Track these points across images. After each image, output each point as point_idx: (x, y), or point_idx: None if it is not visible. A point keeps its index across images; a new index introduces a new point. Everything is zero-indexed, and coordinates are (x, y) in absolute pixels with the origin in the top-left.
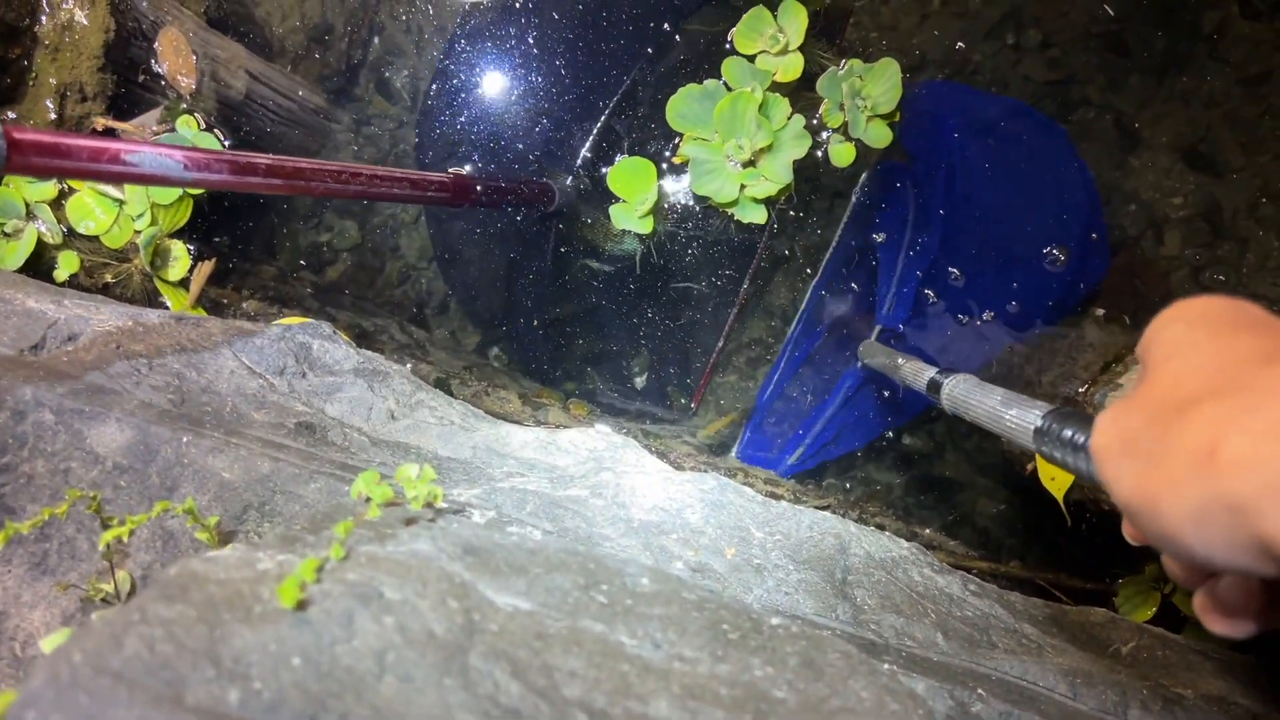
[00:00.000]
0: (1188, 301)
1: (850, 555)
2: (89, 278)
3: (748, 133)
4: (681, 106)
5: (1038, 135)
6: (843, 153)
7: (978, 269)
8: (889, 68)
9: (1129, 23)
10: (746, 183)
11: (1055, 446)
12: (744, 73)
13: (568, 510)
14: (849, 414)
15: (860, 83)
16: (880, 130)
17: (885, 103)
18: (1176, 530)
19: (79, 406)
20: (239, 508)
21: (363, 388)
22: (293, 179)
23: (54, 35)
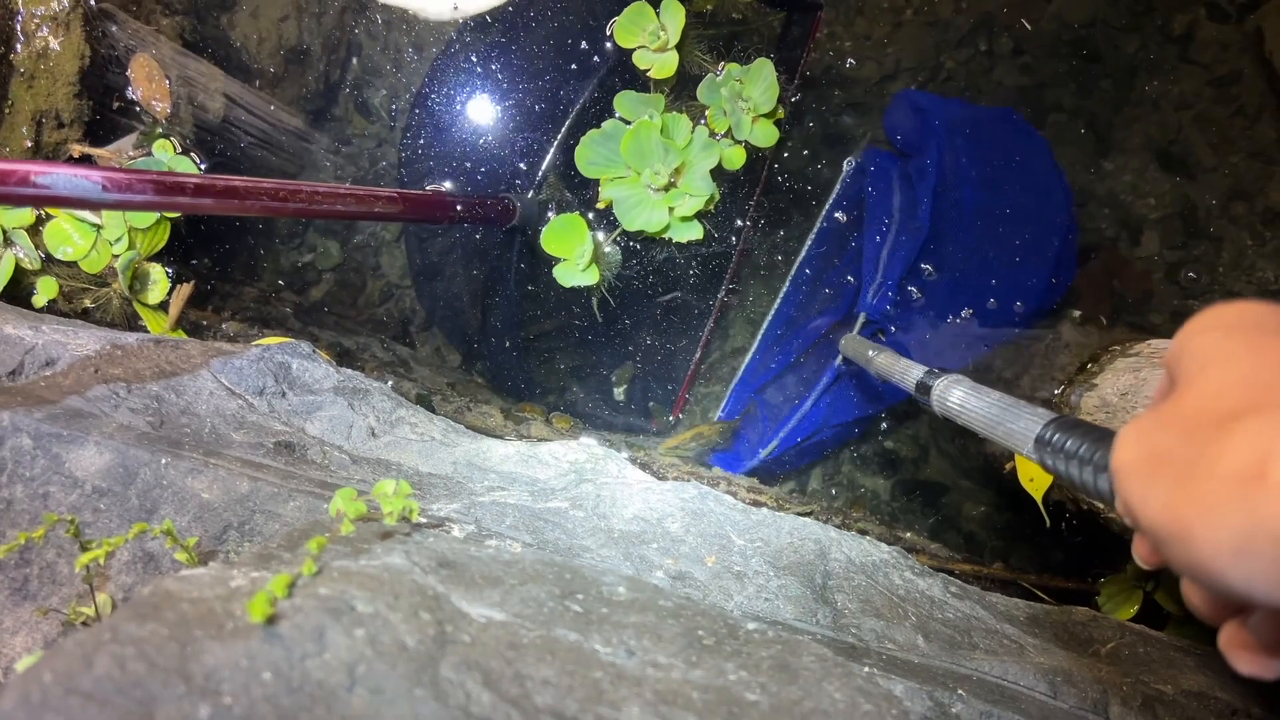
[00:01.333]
0: (1222, 307)
1: (830, 560)
2: (68, 303)
3: (658, 158)
4: (588, 154)
5: (1020, 141)
6: (733, 156)
7: (960, 269)
8: (764, 68)
9: (1099, 28)
10: (673, 205)
11: (1059, 458)
12: (636, 104)
13: (548, 523)
14: (829, 407)
15: (740, 85)
16: (766, 129)
17: (765, 102)
18: (1212, 560)
19: (57, 431)
20: (219, 528)
21: (343, 406)
22: (224, 198)
23: (29, 63)
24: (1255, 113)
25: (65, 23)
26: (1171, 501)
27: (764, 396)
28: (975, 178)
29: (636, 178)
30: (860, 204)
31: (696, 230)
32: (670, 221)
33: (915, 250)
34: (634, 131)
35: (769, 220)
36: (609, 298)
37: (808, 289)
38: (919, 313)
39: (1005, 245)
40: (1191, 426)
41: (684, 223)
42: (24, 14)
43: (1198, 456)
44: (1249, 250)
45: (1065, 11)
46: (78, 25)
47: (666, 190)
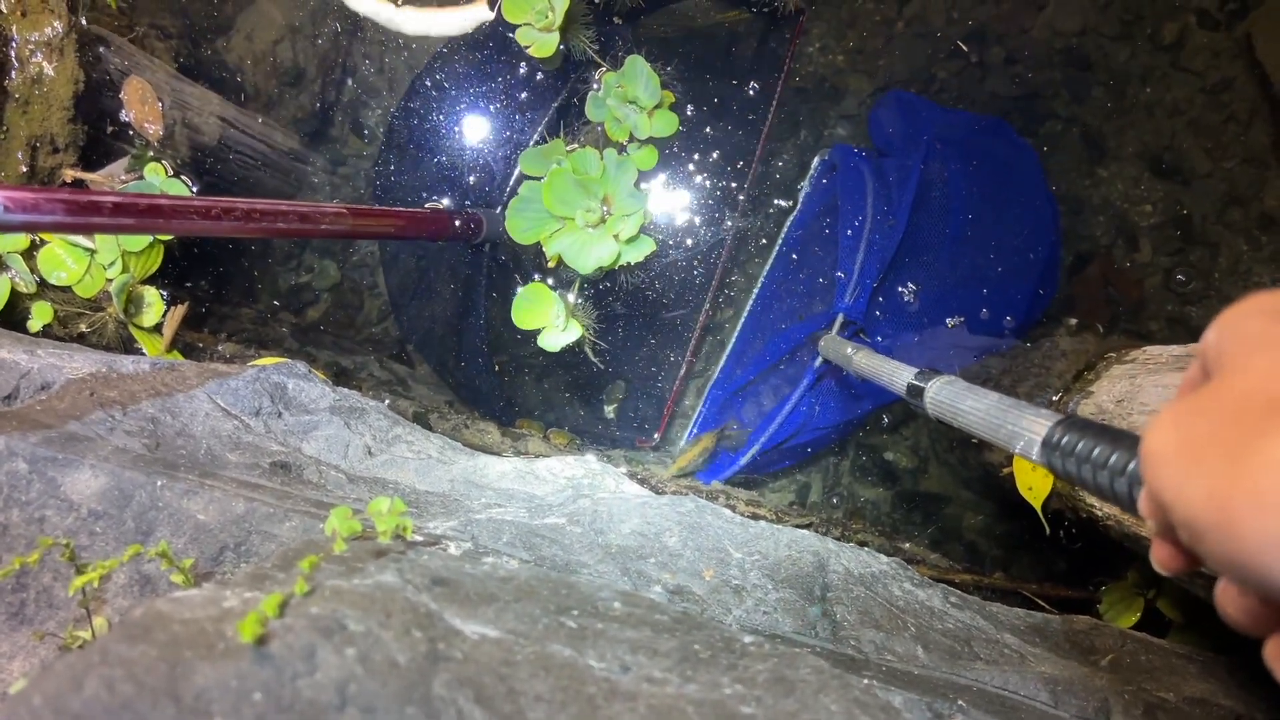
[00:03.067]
0: (1262, 295)
1: (829, 572)
2: (63, 328)
3: (582, 198)
4: (518, 223)
5: (1009, 151)
6: (644, 157)
7: (944, 278)
8: (636, 64)
9: (1089, 37)
10: (615, 232)
11: (1069, 460)
12: (539, 158)
13: (545, 539)
14: (810, 409)
15: (622, 89)
16: (664, 119)
17: (650, 96)
18: (1261, 556)
19: (53, 455)
20: (215, 549)
21: (339, 425)
22: (147, 217)
23: (24, 88)
24: (1248, 119)
25: (59, 48)
26: (1216, 491)
27: (741, 402)
28: (962, 185)
29: (572, 224)
30: (830, 203)
31: (648, 244)
32: (620, 249)
33: (891, 250)
34: (549, 184)
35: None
36: (599, 341)
37: (779, 293)
38: (903, 320)
39: (991, 255)
40: (1237, 412)
41: (632, 243)
42: (18, 40)
43: (1245, 443)
44: (1245, 255)
45: (1056, 21)
46: (71, 50)
47: (604, 222)
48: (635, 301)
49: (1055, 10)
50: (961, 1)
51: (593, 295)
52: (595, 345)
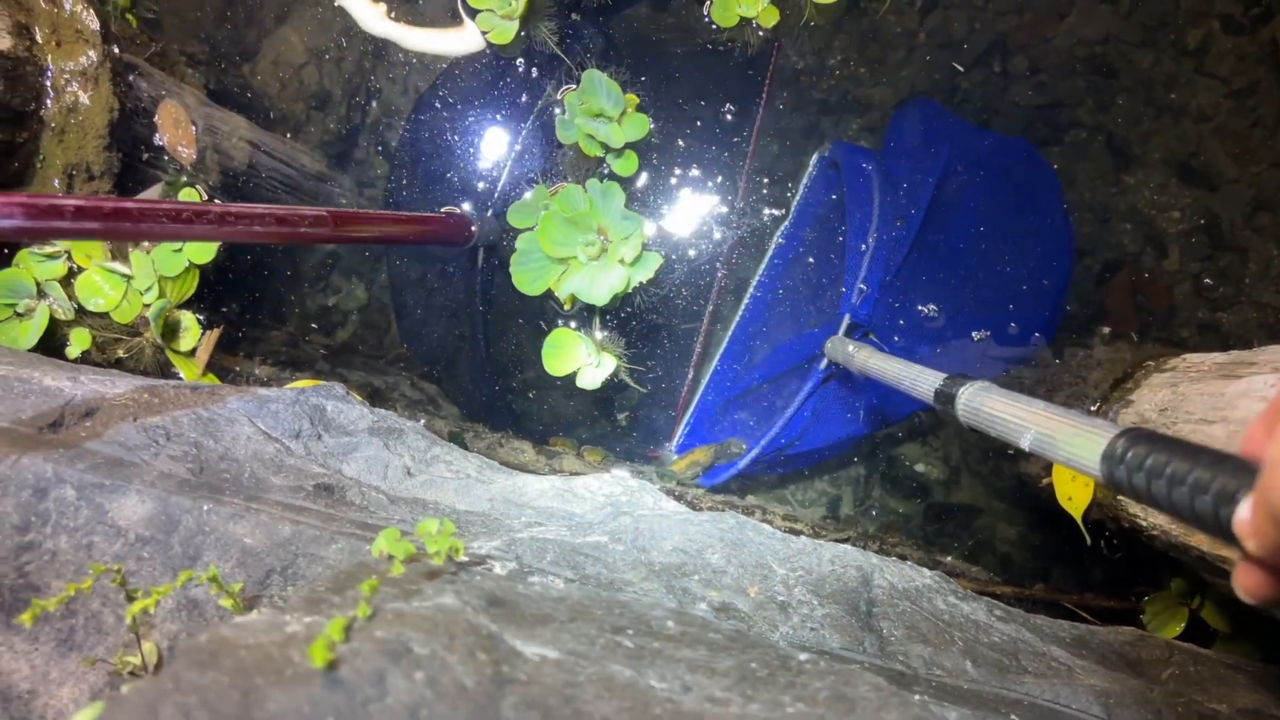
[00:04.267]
0: None
1: (874, 587)
2: (101, 353)
3: (577, 235)
4: (525, 277)
5: (1030, 173)
6: (626, 164)
7: (956, 288)
8: (592, 77)
9: (1112, 44)
10: (619, 257)
11: (1137, 475)
12: (525, 210)
13: (588, 557)
14: (815, 416)
15: (587, 105)
16: (635, 121)
17: (615, 104)
18: None
19: (99, 481)
20: (262, 572)
21: (378, 446)
22: (113, 221)
23: (60, 118)
24: (1275, 123)
25: (94, 77)
26: None
27: (738, 409)
28: (979, 201)
29: (576, 262)
30: (831, 202)
31: (654, 260)
32: (628, 272)
33: (900, 254)
34: (543, 231)
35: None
36: (635, 367)
37: (777, 298)
38: (915, 329)
39: (1004, 274)
40: None
41: (639, 263)
42: (53, 70)
43: None
44: (1275, 260)
45: (1078, 29)
46: (106, 79)
47: (605, 252)
48: (664, 312)
49: (1077, 19)
50: (983, 13)
51: (616, 324)
52: (631, 371)
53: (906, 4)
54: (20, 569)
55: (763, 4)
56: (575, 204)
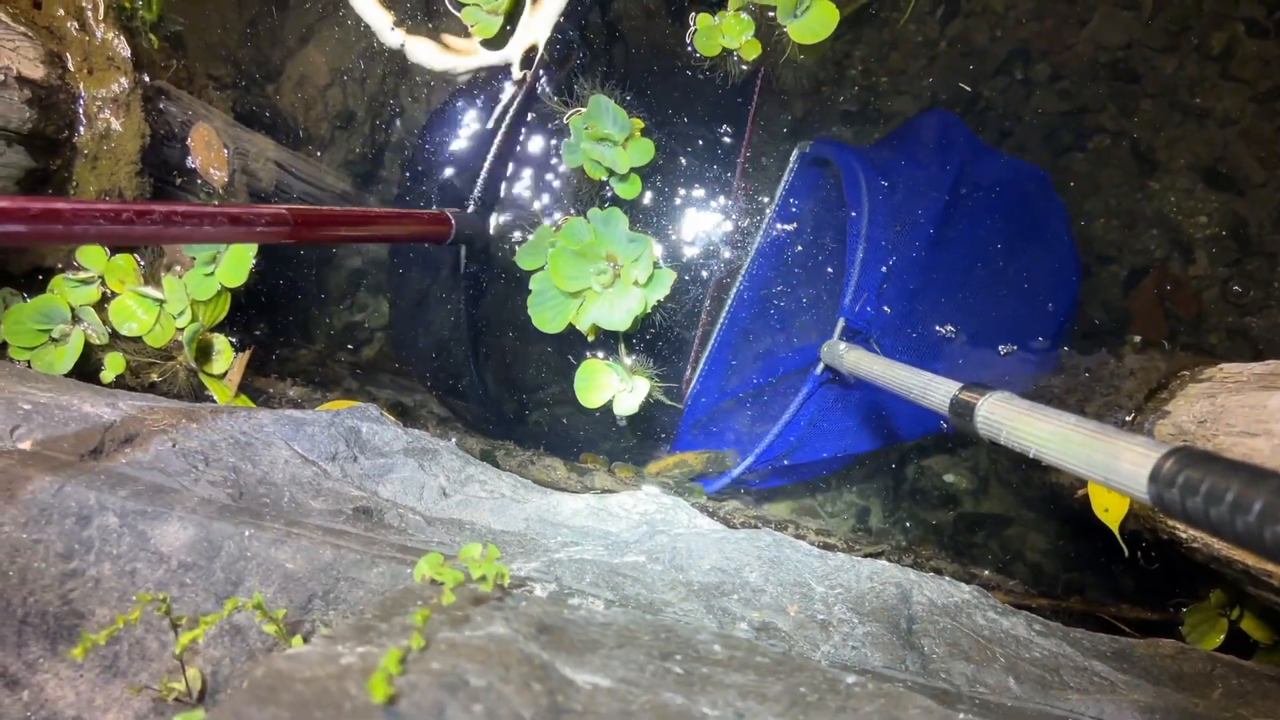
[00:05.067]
0: None
1: (913, 604)
2: (135, 377)
3: (588, 267)
4: (544, 316)
5: (1040, 202)
6: (629, 188)
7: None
8: (599, 101)
9: (1135, 49)
10: (634, 279)
11: (1193, 499)
12: (533, 251)
13: (626, 578)
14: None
15: (592, 129)
16: (640, 146)
17: (620, 129)
18: None
19: (141, 508)
20: (304, 597)
21: (413, 467)
22: (42, 223)
23: (92, 144)
24: None
25: (125, 104)
26: None
27: (734, 414)
28: (988, 223)
29: (591, 293)
30: (813, 200)
31: (667, 276)
32: (644, 293)
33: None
34: (554, 269)
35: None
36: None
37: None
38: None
39: (1008, 301)
40: None
41: (653, 282)
42: (85, 97)
43: None
44: None
45: (1100, 35)
46: (137, 105)
47: (619, 277)
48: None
49: (1099, 25)
50: (1004, 20)
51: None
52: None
53: (927, 13)
54: (65, 596)
55: (746, 37)
56: (580, 236)
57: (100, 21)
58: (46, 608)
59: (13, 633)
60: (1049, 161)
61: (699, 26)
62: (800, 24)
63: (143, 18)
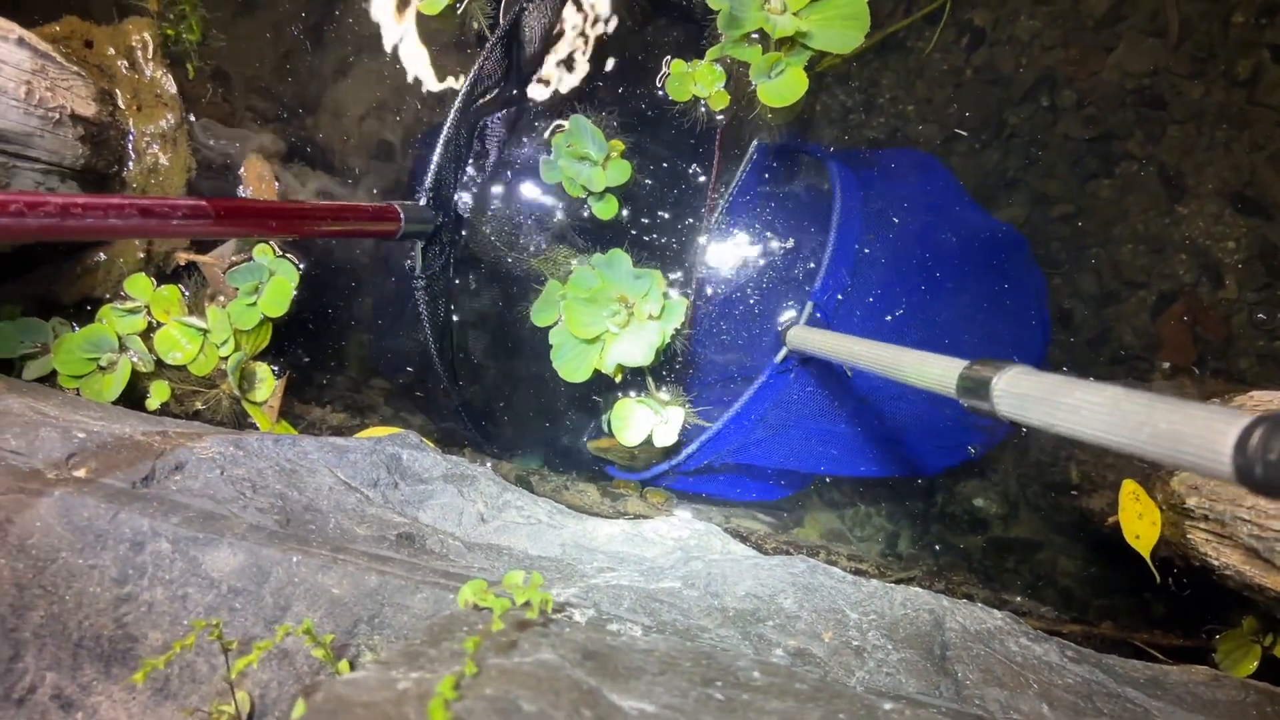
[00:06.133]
0: None
1: (946, 630)
2: (179, 405)
3: (600, 311)
4: (568, 364)
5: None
6: (606, 208)
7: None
8: (579, 122)
9: (1161, 76)
10: (648, 314)
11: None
12: (546, 306)
13: (663, 603)
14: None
15: (573, 148)
16: (618, 167)
17: (599, 149)
18: None
19: (193, 534)
20: (350, 622)
21: (452, 493)
22: None
23: (141, 178)
24: None
25: (173, 139)
26: None
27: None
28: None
29: (610, 335)
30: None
31: (680, 305)
32: (661, 325)
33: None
34: (569, 320)
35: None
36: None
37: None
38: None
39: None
40: None
41: (665, 315)
42: (135, 133)
43: None
44: None
45: (1126, 62)
46: (184, 140)
47: (633, 315)
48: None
49: (1125, 52)
50: (1029, 48)
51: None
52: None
53: (952, 42)
54: (119, 620)
55: (716, 87)
56: (588, 283)
57: (149, 60)
58: (101, 631)
59: (68, 655)
60: (1076, 188)
61: (672, 71)
62: (771, 85)
63: (187, 39)
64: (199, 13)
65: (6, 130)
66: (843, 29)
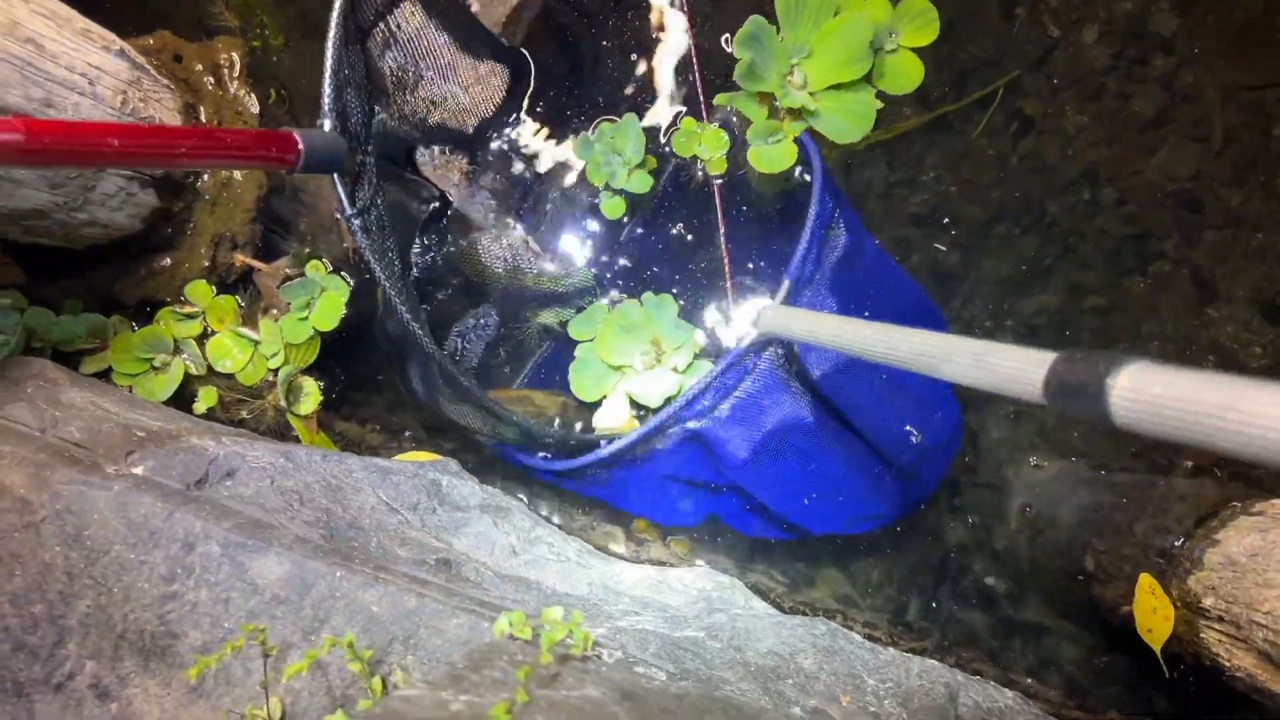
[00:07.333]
0: None
1: (960, 704)
2: (224, 411)
3: (634, 344)
4: (582, 382)
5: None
6: (613, 206)
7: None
8: (631, 123)
9: (1202, 181)
10: (674, 365)
11: None
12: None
13: (686, 652)
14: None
15: (614, 140)
16: (641, 179)
17: (635, 153)
18: None
19: (242, 541)
20: (385, 640)
21: (487, 524)
22: None
23: (213, 191)
24: None
25: None
26: None
27: None
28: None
29: (631, 369)
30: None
31: (704, 366)
32: (681, 380)
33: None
34: (601, 340)
35: None
36: None
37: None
38: None
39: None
40: None
41: (689, 372)
42: None
43: None
44: None
45: (1168, 165)
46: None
47: (659, 362)
48: None
49: (1168, 154)
50: (1075, 141)
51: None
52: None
53: (1001, 128)
54: (162, 617)
55: (719, 153)
56: (631, 315)
57: (234, 79)
58: (145, 626)
59: (110, 646)
60: (1110, 282)
61: (681, 127)
62: (764, 150)
63: (269, 41)
64: (279, 35)
65: None
66: (847, 121)
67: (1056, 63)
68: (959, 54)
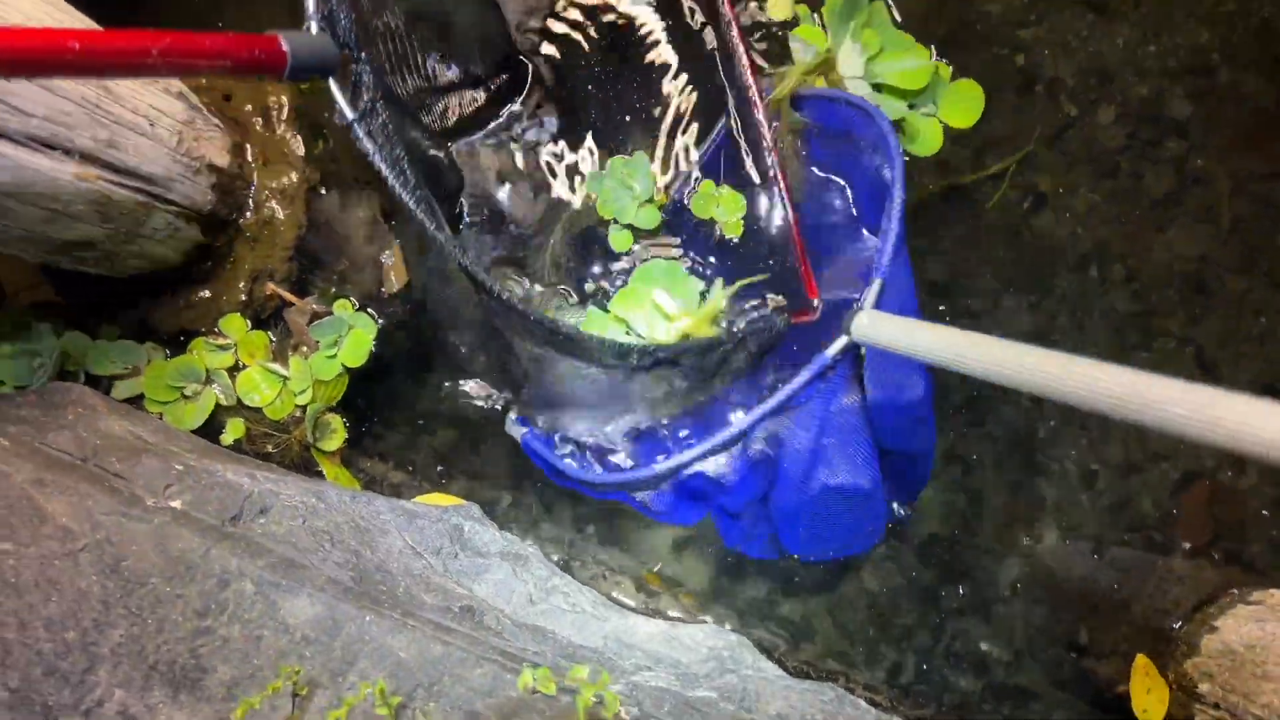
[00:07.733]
0: None
1: None
2: (250, 444)
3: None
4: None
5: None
6: (620, 239)
7: None
8: (641, 160)
9: (1209, 264)
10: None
11: None
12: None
13: (699, 712)
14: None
15: (625, 174)
16: (649, 213)
17: (644, 190)
18: None
19: (276, 580)
20: (410, 686)
21: (507, 571)
22: None
23: (254, 227)
24: None
25: (291, 196)
26: None
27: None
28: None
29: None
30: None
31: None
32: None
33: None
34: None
35: None
36: None
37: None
38: None
39: None
40: None
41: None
42: (257, 185)
43: None
44: None
45: (1176, 245)
46: (301, 199)
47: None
48: None
49: (1176, 234)
50: (1086, 220)
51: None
52: None
53: (1014, 202)
54: (194, 650)
55: (736, 216)
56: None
57: (282, 121)
58: (175, 658)
59: (140, 676)
60: (1114, 357)
61: (701, 190)
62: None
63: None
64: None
65: (156, 175)
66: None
67: (1071, 141)
68: (979, 127)
